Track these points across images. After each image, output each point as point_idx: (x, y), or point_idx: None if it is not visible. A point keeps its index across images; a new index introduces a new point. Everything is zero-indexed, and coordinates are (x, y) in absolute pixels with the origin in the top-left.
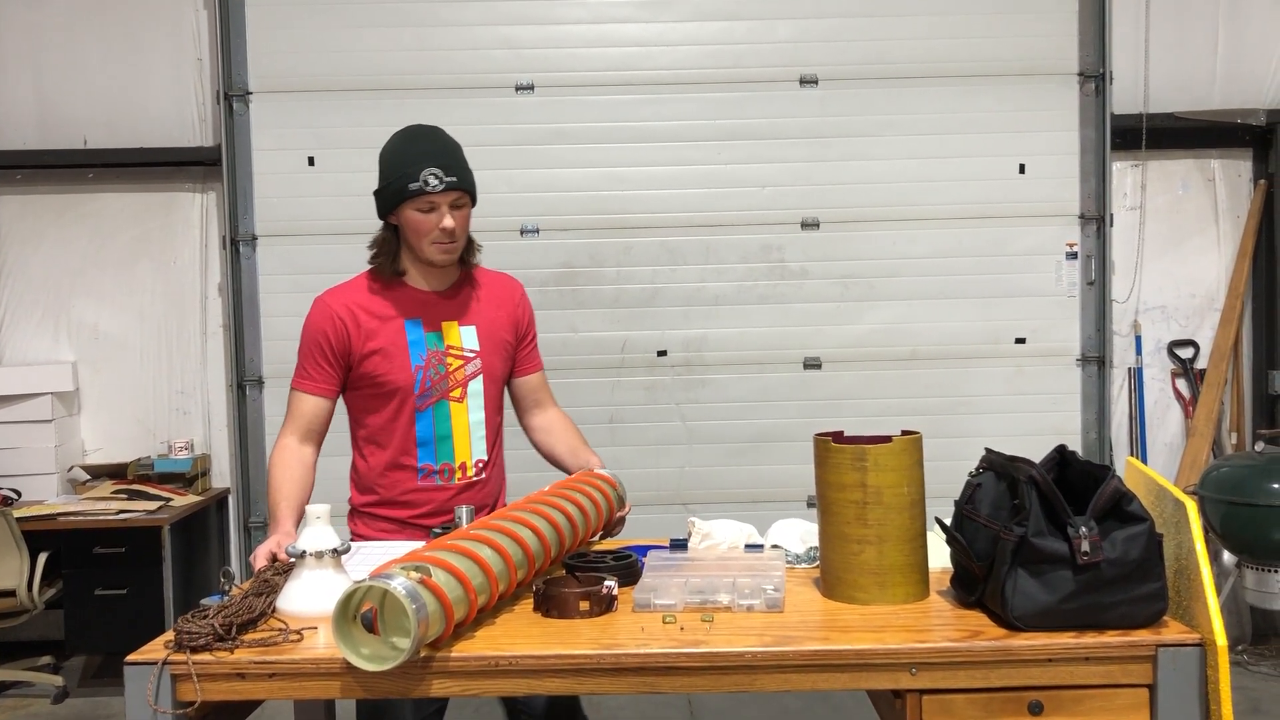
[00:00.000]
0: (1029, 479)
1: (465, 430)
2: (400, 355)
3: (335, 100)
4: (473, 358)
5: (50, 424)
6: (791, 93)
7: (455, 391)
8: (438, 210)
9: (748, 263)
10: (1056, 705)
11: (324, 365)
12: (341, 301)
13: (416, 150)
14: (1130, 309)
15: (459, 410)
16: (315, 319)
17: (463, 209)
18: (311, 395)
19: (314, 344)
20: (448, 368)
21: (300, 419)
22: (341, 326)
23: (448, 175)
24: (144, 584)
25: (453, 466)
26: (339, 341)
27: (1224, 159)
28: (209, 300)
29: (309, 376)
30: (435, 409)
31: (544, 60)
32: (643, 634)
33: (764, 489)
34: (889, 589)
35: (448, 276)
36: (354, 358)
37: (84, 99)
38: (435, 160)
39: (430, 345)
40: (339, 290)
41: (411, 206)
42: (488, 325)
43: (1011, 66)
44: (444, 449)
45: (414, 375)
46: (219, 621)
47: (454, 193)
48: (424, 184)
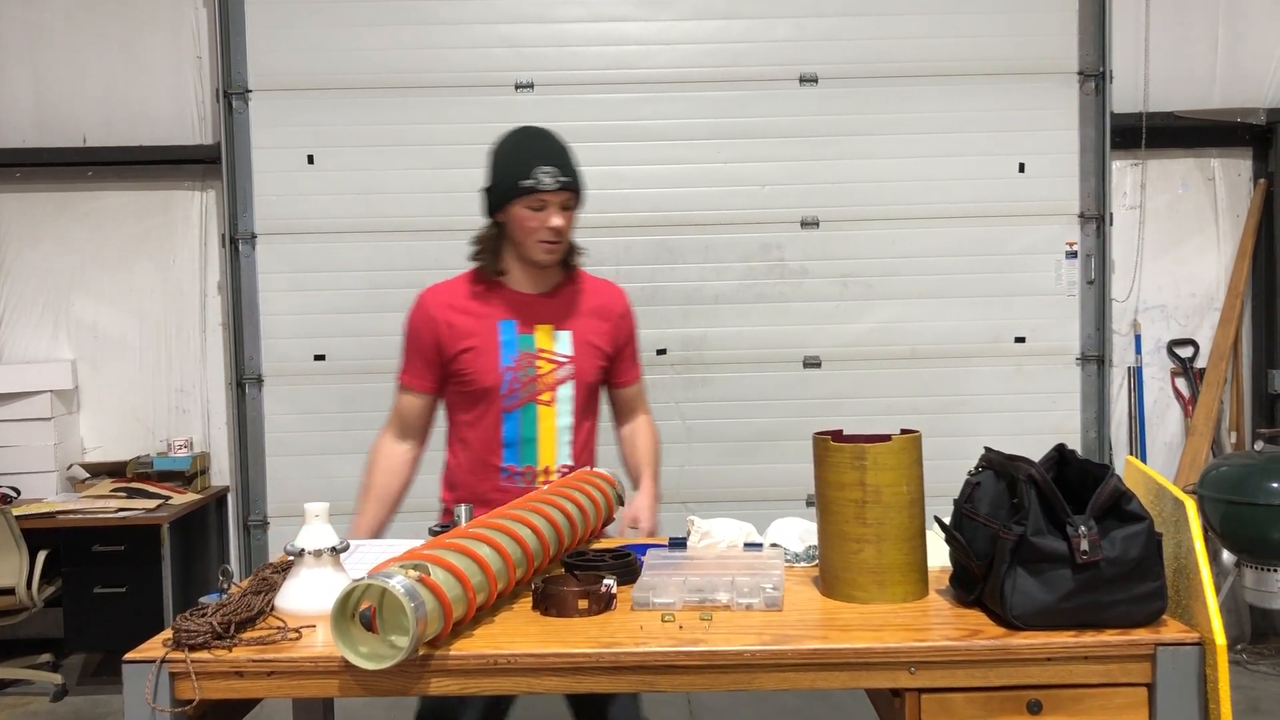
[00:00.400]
0: (1028, 478)
1: (551, 434)
2: (490, 356)
3: (335, 98)
4: (564, 362)
5: (49, 422)
6: (791, 91)
7: (544, 395)
8: (547, 209)
9: (747, 261)
10: (1055, 704)
11: (419, 362)
12: (437, 300)
13: (531, 149)
14: (1130, 308)
15: (546, 414)
16: (413, 317)
17: (570, 211)
18: (409, 391)
19: (411, 341)
20: (537, 370)
21: (397, 415)
22: (434, 325)
23: (562, 175)
24: (143, 582)
25: (535, 469)
26: (431, 339)
27: (1224, 158)
28: (208, 298)
29: (407, 372)
30: (522, 411)
31: (543, 59)
32: (641, 632)
33: (763, 488)
34: (888, 588)
35: (548, 279)
36: (446, 356)
37: (83, 97)
38: (549, 160)
39: (521, 347)
40: (438, 288)
41: (522, 204)
42: (584, 332)
43: (1011, 65)
44: (528, 451)
45: (501, 376)
46: (217, 620)
47: (565, 193)
48: (537, 181)
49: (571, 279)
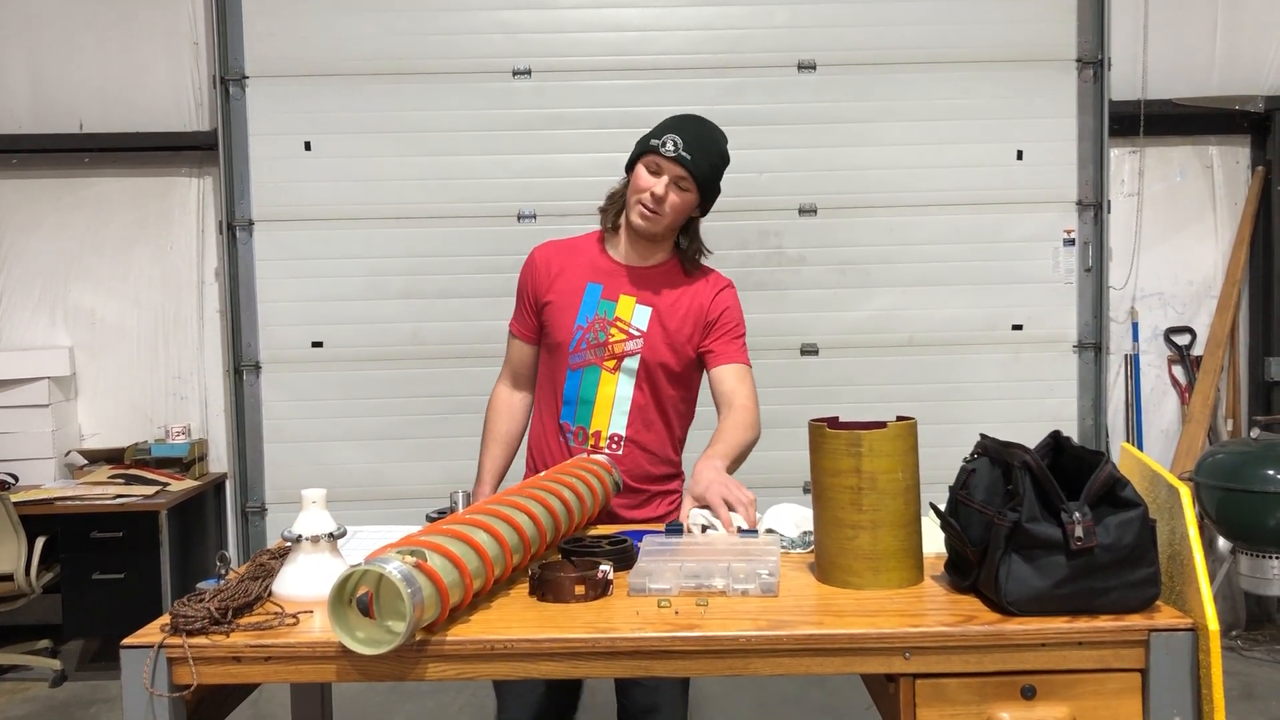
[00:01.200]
0: (1023, 465)
1: (609, 401)
2: (569, 312)
3: (332, 85)
4: (637, 336)
5: (47, 408)
6: (789, 78)
7: (609, 362)
8: (660, 176)
9: (745, 249)
10: (1049, 689)
11: (523, 310)
12: (544, 253)
13: (676, 120)
14: (1127, 296)
15: (608, 379)
16: (524, 266)
17: (685, 193)
18: (516, 339)
19: (519, 288)
20: (609, 337)
21: (509, 364)
22: (534, 273)
23: (686, 151)
24: (141, 568)
25: (588, 431)
26: (530, 289)
27: (1222, 145)
28: (206, 285)
29: (516, 318)
30: (585, 372)
31: (541, 45)
32: (637, 618)
33: (760, 475)
34: (883, 574)
35: (652, 255)
36: (537, 305)
37: (80, 83)
38: (685, 134)
39: (600, 311)
40: (551, 243)
41: (643, 162)
42: (666, 314)
43: (1010, 52)
44: (584, 412)
45: (572, 334)
46: (215, 605)
47: (681, 169)
48: (661, 144)
49: (678, 266)
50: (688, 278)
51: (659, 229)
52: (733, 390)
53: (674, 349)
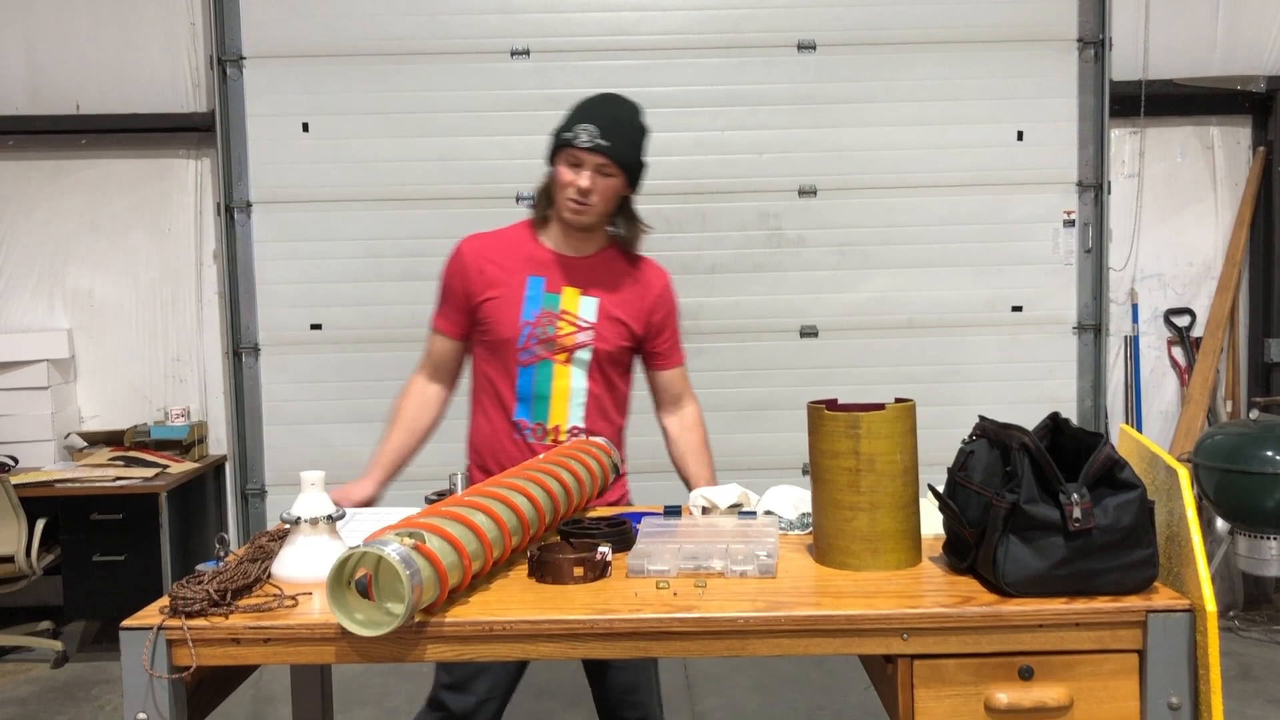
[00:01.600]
0: (1021, 446)
1: (565, 394)
2: (512, 307)
3: (330, 66)
4: (585, 328)
5: (46, 391)
6: (789, 58)
7: (560, 356)
8: (581, 168)
9: (744, 230)
10: (1047, 670)
11: (451, 306)
12: (474, 247)
13: (589, 107)
14: (1127, 277)
15: (561, 373)
16: (449, 261)
17: (609, 178)
18: (440, 334)
19: (445, 285)
20: (557, 330)
21: (429, 358)
22: (466, 271)
23: (600, 138)
24: (142, 550)
25: (546, 427)
26: (462, 284)
27: (1223, 126)
28: (204, 267)
29: (441, 315)
30: (537, 368)
31: (539, 25)
32: (636, 599)
33: (759, 456)
34: (881, 555)
35: (588, 244)
36: (473, 302)
37: (76, 64)
38: (596, 119)
39: (545, 305)
40: (479, 236)
41: (561, 158)
42: (611, 303)
43: (1011, 32)
44: (540, 408)
45: (520, 329)
46: (214, 587)
47: (600, 156)
48: (574, 136)
49: (615, 252)
50: (628, 265)
51: (591, 219)
52: (681, 393)
53: (621, 340)
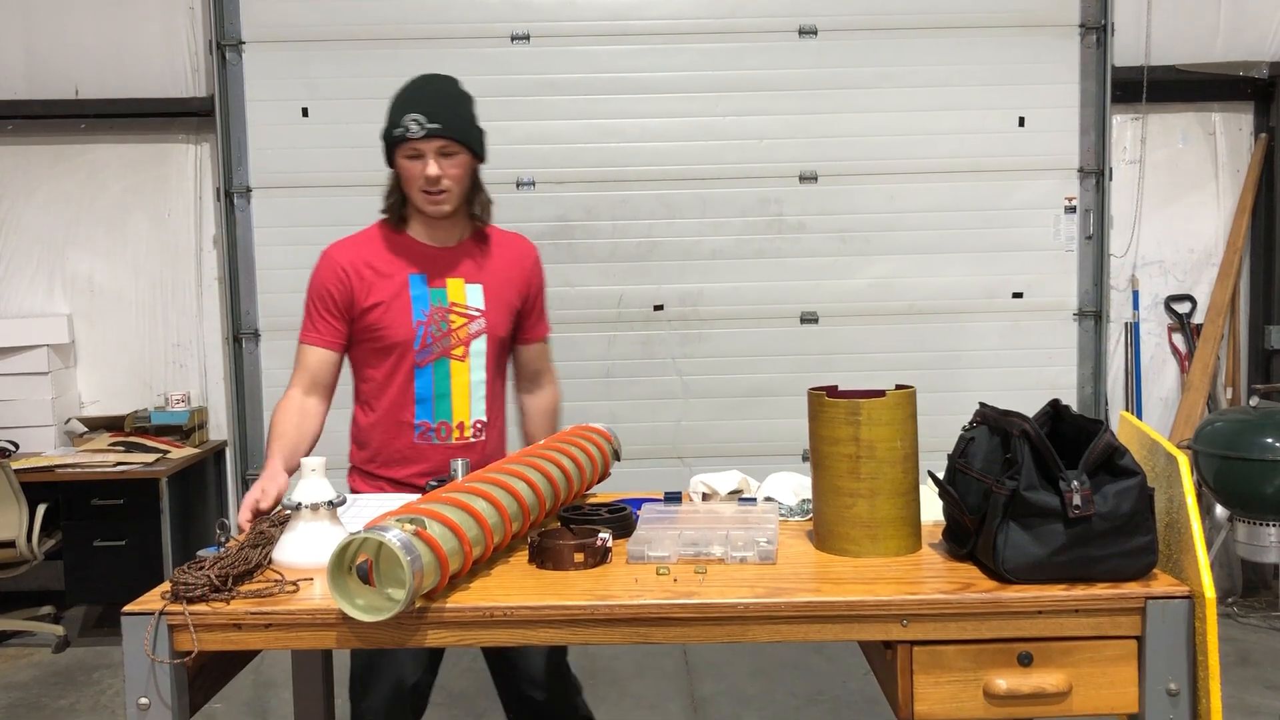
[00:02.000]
0: (1021, 433)
1: (465, 389)
2: (402, 310)
3: (329, 50)
4: (477, 316)
5: (47, 376)
6: (790, 43)
7: (457, 350)
8: (423, 158)
9: (745, 216)
10: (1046, 656)
11: (328, 318)
12: (346, 254)
13: (409, 96)
14: (1128, 264)
15: (460, 369)
16: (319, 272)
17: (454, 158)
18: (316, 347)
19: (318, 297)
20: (450, 325)
21: (305, 371)
22: (345, 279)
23: (430, 121)
24: (142, 535)
25: (450, 425)
26: (342, 294)
27: (1225, 112)
28: (204, 253)
29: (314, 329)
30: (435, 366)
31: (539, 10)
32: (636, 585)
33: (759, 443)
34: (881, 541)
35: (454, 231)
36: (356, 310)
37: (75, 49)
38: (420, 107)
39: (433, 301)
40: (345, 243)
41: (400, 154)
42: (495, 285)
43: (1012, 18)
44: (442, 407)
45: (414, 330)
46: (215, 573)
47: (439, 140)
48: (405, 130)
49: (480, 232)
50: (497, 242)
51: (452, 204)
52: (541, 370)
53: (508, 320)
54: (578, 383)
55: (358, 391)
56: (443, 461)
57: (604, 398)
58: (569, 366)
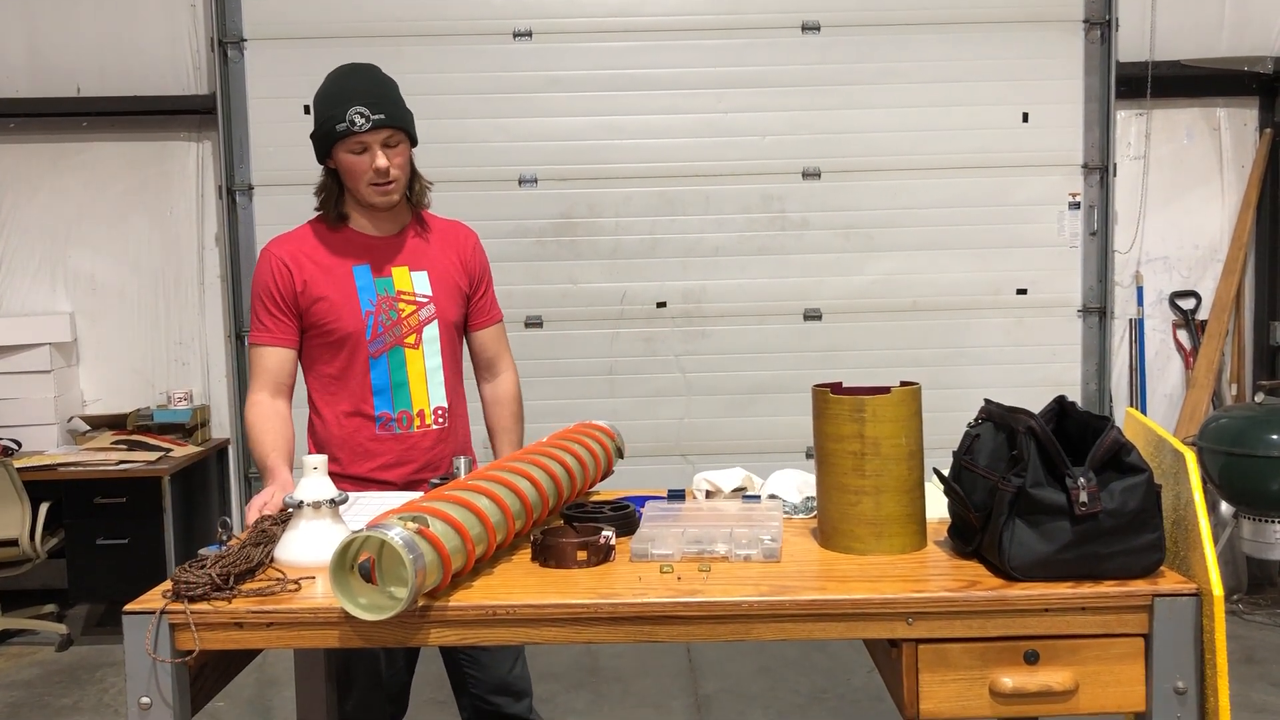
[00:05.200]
0: (1027, 430)
1: (422, 376)
2: (349, 301)
3: (331, 48)
4: (425, 303)
5: (49, 375)
6: (793, 39)
7: (410, 338)
8: (369, 150)
9: (748, 213)
10: (1052, 654)
11: (277, 315)
12: (286, 249)
13: (343, 89)
14: (1132, 260)
15: (414, 356)
16: (261, 270)
17: (397, 147)
18: (271, 347)
19: (264, 294)
20: (400, 313)
21: (265, 373)
22: (286, 274)
23: (374, 113)
24: (145, 534)
25: (411, 414)
26: (286, 289)
27: (1230, 108)
28: (206, 250)
29: (265, 329)
30: (390, 355)
31: (542, 6)
32: (640, 583)
33: (763, 440)
34: (886, 539)
35: (395, 220)
36: (302, 305)
37: (76, 46)
38: (361, 99)
39: (380, 291)
40: (284, 239)
41: (343, 149)
42: (440, 270)
43: (1016, 13)
44: (401, 396)
45: (364, 321)
46: (216, 571)
47: (384, 130)
48: (350, 124)
49: (420, 219)
50: (437, 228)
51: (399, 194)
52: (496, 356)
53: (459, 303)
54: (581, 380)
55: (311, 389)
56: (406, 452)
57: (607, 395)
58: (572, 364)
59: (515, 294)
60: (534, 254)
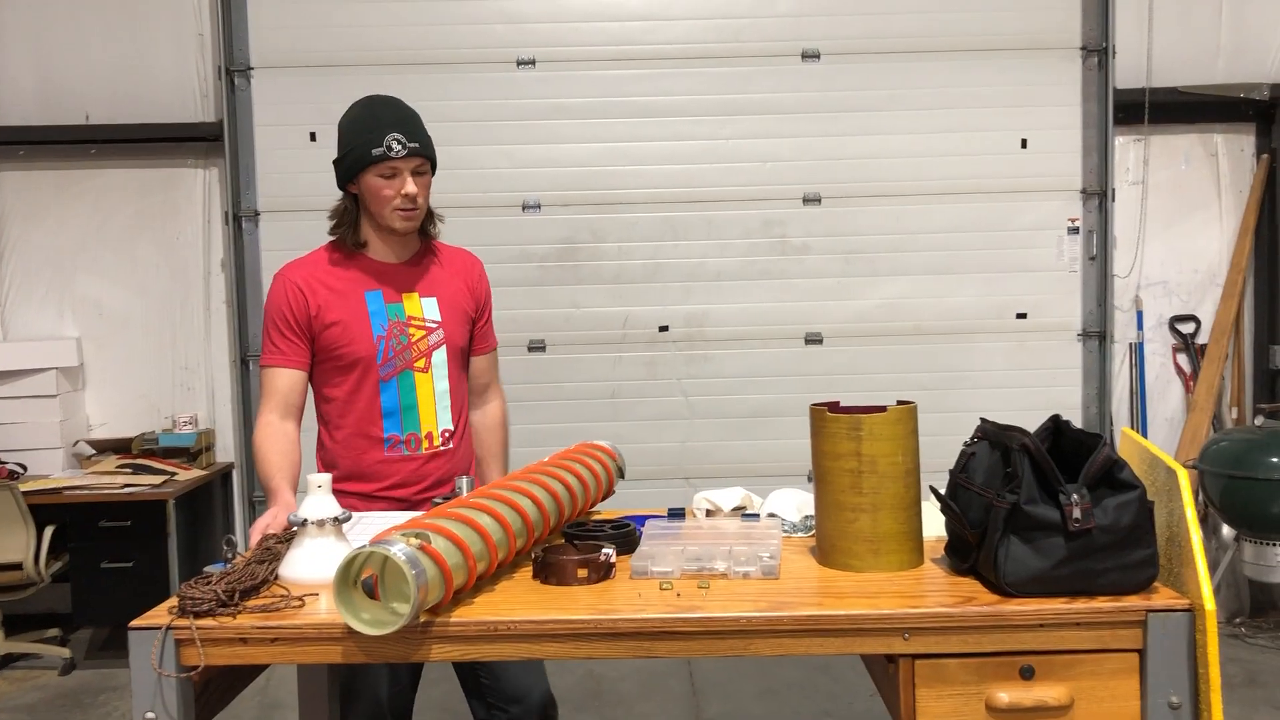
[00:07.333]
0: (1022, 447)
1: (431, 400)
2: (361, 326)
3: (337, 75)
4: (435, 328)
5: (55, 399)
6: (794, 67)
7: (419, 362)
8: (399, 176)
9: (750, 238)
10: (1048, 670)
11: (290, 338)
12: (300, 274)
13: (379, 117)
14: (1132, 284)
15: (424, 380)
16: (275, 294)
17: (424, 176)
18: (283, 369)
19: (278, 317)
20: (410, 338)
21: (276, 395)
22: (301, 298)
23: (410, 141)
24: (150, 557)
25: (419, 436)
26: (300, 313)
27: (1227, 133)
28: (212, 276)
29: (278, 351)
30: (399, 379)
31: (545, 35)
32: (640, 600)
33: (765, 464)
34: (883, 556)
35: (408, 247)
36: (315, 329)
37: (85, 74)
38: (398, 127)
39: (391, 316)
40: (298, 264)
41: (374, 173)
42: (449, 297)
43: (1014, 40)
44: (410, 419)
45: (375, 346)
46: (222, 587)
47: (416, 159)
48: (387, 149)
49: (429, 247)
50: (445, 255)
51: (419, 221)
52: (488, 384)
53: (465, 330)
54: (583, 403)
55: (320, 413)
56: (413, 474)
57: (609, 419)
58: (575, 387)
59: (519, 318)
60: (537, 278)
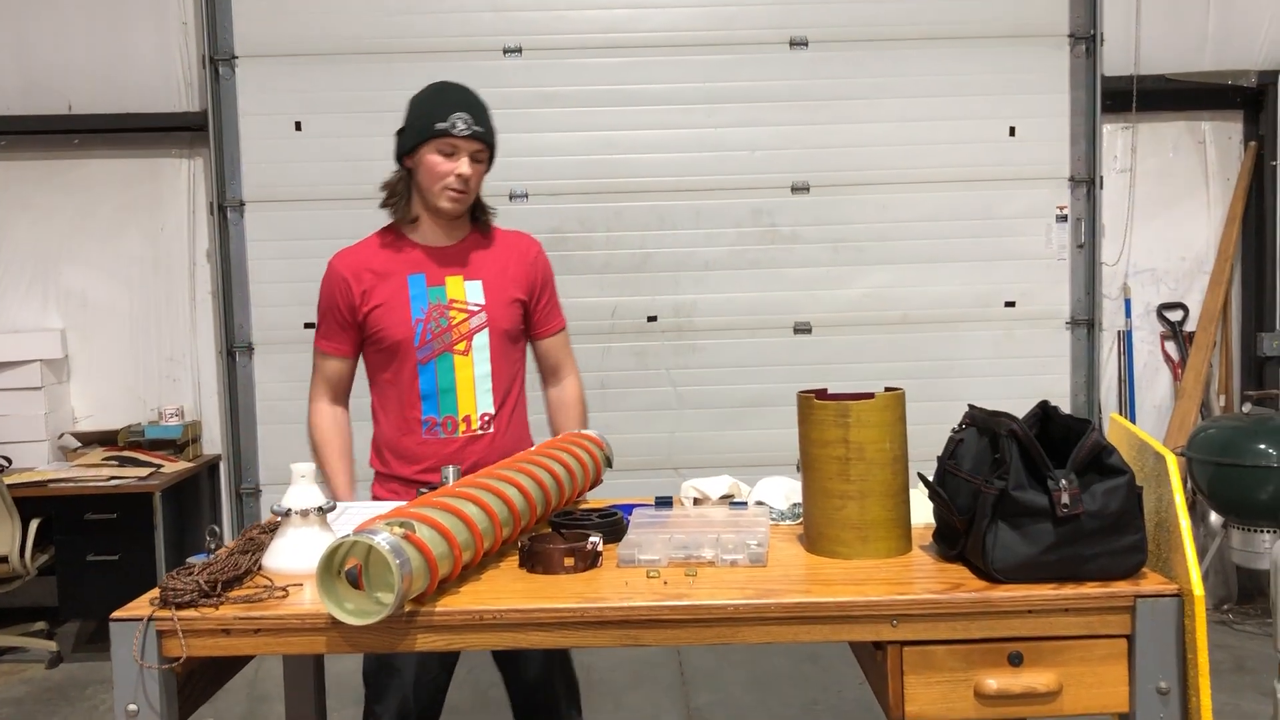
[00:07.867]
0: (1009, 433)
1: (470, 383)
2: (400, 309)
3: (322, 64)
4: (477, 311)
5: (40, 391)
6: (781, 55)
7: (460, 345)
8: (457, 155)
9: (738, 227)
10: (1036, 656)
11: (337, 327)
12: (346, 262)
13: (450, 97)
14: (1120, 272)
15: (463, 363)
16: (325, 281)
17: (480, 164)
18: (331, 356)
19: (328, 307)
20: (450, 321)
21: (325, 379)
22: (345, 287)
23: (476, 124)
24: (136, 550)
25: (456, 419)
26: (345, 301)
27: (1215, 121)
28: (197, 267)
29: (327, 336)
30: (438, 362)
31: (532, 23)
32: (626, 588)
33: (754, 453)
34: (871, 543)
35: (456, 231)
36: (359, 316)
37: (68, 64)
38: (466, 109)
39: (432, 299)
40: (347, 251)
41: (434, 147)
42: (495, 280)
43: (1002, 28)
44: (447, 401)
45: (413, 329)
46: (204, 578)
47: (477, 144)
48: (451, 125)
49: (483, 231)
50: (498, 239)
51: (467, 205)
52: (560, 363)
53: (514, 312)
54: None
55: (373, 398)
56: (450, 457)
57: (598, 409)
58: None
59: None
60: None
